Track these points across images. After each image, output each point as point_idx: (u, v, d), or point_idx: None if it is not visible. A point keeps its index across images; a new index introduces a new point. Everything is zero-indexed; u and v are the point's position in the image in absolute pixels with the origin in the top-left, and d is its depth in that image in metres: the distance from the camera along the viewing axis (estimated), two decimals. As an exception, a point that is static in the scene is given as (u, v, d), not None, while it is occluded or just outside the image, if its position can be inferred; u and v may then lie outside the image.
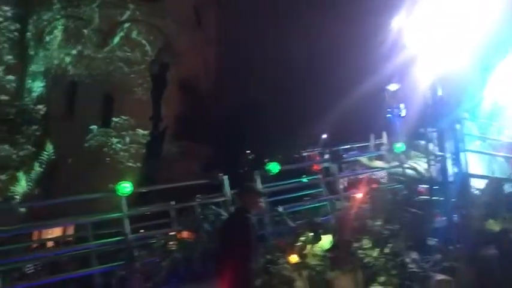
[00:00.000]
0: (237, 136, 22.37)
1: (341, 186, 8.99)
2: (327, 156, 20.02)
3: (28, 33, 18.78)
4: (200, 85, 22.68)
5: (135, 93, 20.98)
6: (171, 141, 21.56)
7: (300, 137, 20.78)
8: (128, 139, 20.95)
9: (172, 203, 8.75)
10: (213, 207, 7.38)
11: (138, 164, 20.79)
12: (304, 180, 10.51)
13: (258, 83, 22.47)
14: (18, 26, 18.35)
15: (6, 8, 17.96)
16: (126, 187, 6.80)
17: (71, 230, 18.88)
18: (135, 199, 8.97)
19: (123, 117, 20.93)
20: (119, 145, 20.35)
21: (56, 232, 19.13)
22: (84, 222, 8.15)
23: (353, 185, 8.94)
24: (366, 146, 12.23)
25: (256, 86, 22.77)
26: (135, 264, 6.24)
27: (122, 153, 20.60)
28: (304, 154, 19.51)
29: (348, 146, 13.53)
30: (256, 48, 21.98)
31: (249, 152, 22.63)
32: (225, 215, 7.00)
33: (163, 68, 20.31)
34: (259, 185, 7.49)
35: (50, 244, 15.52)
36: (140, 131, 20.76)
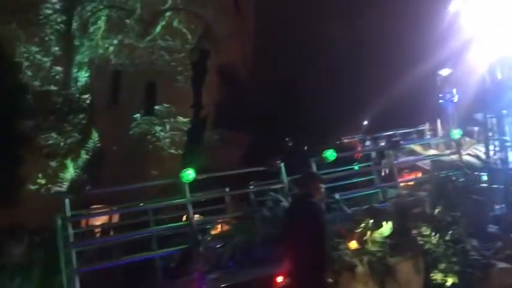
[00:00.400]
0: (276, 123, 22.42)
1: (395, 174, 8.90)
2: (368, 143, 19.94)
3: (73, 25, 19.24)
4: (239, 72, 22.78)
5: (176, 81, 21.28)
6: (211, 128, 21.82)
7: (340, 124, 20.67)
8: (168, 126, 21.35)
9: (227, 189, 8.85)
10: (272, 193, 7.47)
11: (180, 151, 21.16)
12: (356, 167, 10.46)
13: (297, 70, 22.38)
14: (64, 17, 18.81)
15: (54, 1, 18.43)
16: (189, 174, 6.93)
17: (115, 218, 19.46)
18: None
19: (164, 105, 21.31)
20: (162, 133, 20.76)
21: (101, 219, 19.76)
22: (154, 207, 8.34)
23: (407, 172, 8.88)
24: (419, 131, 12.06)
25: (295, 72, 22.69)
26: (199, 248, 6.40)
27: (164, 140, 21.02)
28: (345, 141, 19.45)
29: (399, 131, 13.32)
30: (295, 35, 21.86)
31: (288, 139, 22.69)
32: (284, 201, 7.09)
33: (204, 56, 20.54)
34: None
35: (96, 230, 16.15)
36: (181, 119, 21.11)
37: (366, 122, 21.90)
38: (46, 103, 18.31)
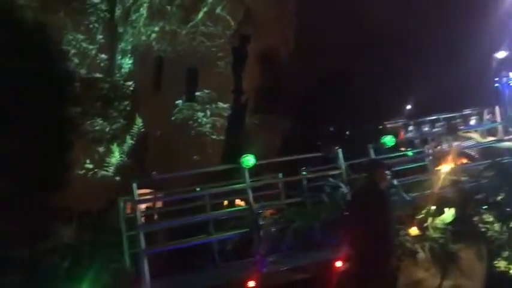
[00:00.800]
0: (317, 108, 22.29)
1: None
2: (411, 128, 19.61)
3: (116, 12, 19.56)
4: (279, 57, 22.71)
5: (217, 67, 21.42)
6: (251, 114, 21.92)
7: (382, 108, 20.38)
8: (209, 112, 21.57)
9: (280, 175, 8.90)
10: (331, 179, 7.49)
11: (221, 137, 21.39)
12: (410, 153, 10.32)
13: (339, 54, 22.11)
14: (107, 6, 19.15)
15: (99, -11, 18.80)
16: (249, 160, 6.98)
17: (159, 203, 19.89)
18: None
19: (205, 90, 21.52)
20: (203, 118, 21.02)
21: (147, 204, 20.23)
22: (213, 192, 8.41)
23: (463, 158, 8.70)
24: (479, 114, 11.72)
25: (336, 56, 22.43)
26: (259, 232, 6.51)
27: (205, 126, 21.27)
28: (388, 126, 19.19)
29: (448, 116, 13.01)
30: (337, 18, 21.55)
31: (329, 124, 22.53)
32: (343, 187, 7.11)
33: (244, 41, 20.56)
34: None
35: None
36: (221, 104, 21.29)
37: (409, 107, 21.52)
38: (92, 90, 18.78)
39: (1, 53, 13.71)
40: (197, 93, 21.53)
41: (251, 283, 5.74)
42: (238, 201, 10.78)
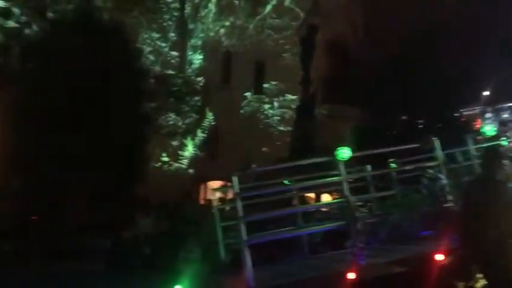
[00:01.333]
0: (387, 97, 21.73)
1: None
2: (488, 115, 18.61)
3: (186, 9, 20.22)
4: (348, 46, 22.37)
5: (284, 59, 21.50)
6: (319, 104, 21.81)
7: (456, 96, 19.51)
8: (277, 104, 21.75)
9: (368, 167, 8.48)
10: (429, 171, 7.20)
11: (289, 128, 21.51)
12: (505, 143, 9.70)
13: (408, 41, 21.39)
14: (178, 3, 19.86)
15: (171, -12, 19.54)
16: (345, 153, 6.74)
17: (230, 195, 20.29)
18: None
19: (273, 82, 21.70)
20: (271, 110, 21.24)
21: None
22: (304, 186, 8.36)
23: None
24: None
25: (405, 43, 21.71)
26: (357, 224, 6.43)
27: (273, 118, 21.49)
28: (465, 113, 18.38)
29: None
30: (406, 3, 20.85)
31: (400, 113, 21.90)
32: (443, 179, 6.84)
33: (312, 31, 20.46)
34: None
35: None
36: (290, 96, 21.38)
37: (486, 93, 20.40)
38: (166, 86, 19.57)
39: (82, 52, 14.65)
40: (265, 86, 21.77)
41: (351, 275, 5.70)
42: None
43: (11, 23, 17.56)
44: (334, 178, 6.99)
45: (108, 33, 15.42)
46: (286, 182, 8.26)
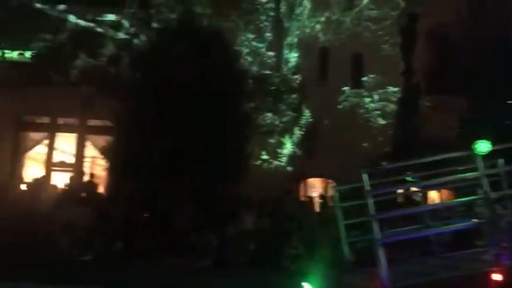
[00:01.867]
0: (494, 86, 20.19)
1: None
2: None
3: (282, 8, 20.36)
4: (451, 35, 21.09)
5: (382, 50, 20.79)
6: (422, 95, 20.85)
7: None
8: (377, 97, 21.12)
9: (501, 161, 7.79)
10: None
11: (390, 121, 20.81)
12: None
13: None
14: (273, 4, 20.09)
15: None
16: (484, 146, 6.25)
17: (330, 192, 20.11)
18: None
19: (371, 75, 21.11)
20: (371, 104, 20.69)
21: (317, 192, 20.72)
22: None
23: None
24: None
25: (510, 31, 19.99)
26: (499, 222, 6.06)
27: (373, 112, 20.91)
28: None
29: None
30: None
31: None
32: None
33: (412, 20, 19.58)
34: None
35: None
36: (391, 88, 20.66)
37: None
38: (263, 86, 19.86)
39: (186, 58, 15.32)
40: (363, 79, 21.24)
41: (496, 276, 5.36)
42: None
43: (121, 35, 18.99)
44: (470, 173, 6.51)
45: (209, 38, 15.97)
46: (409, 178, 7.96)
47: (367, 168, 7.22)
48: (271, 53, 20.41)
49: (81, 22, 20.22)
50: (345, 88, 21.14)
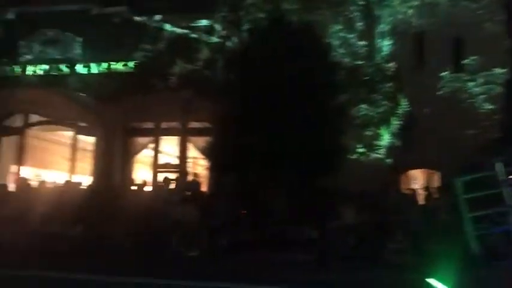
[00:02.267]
0: None
1: None
2: None
3: (372, -4, 19.84)
4: None
5: (484, 29, 19.39)
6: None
7: None
8: (481, 80, 19.76)
9: None
10: None
11: (497, 106, 19.37)
12: None
13: None
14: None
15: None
16: None
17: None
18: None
19: (472, 57, 19.80)
20: (474, 88, 19.41)
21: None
22: None
23: None
24: None
25: None
26: None
27: (477, 96, 19.60)
28: None
29: None
30: None
31: None
32: None
33: (518, -7, 18.03)
34: None
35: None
36: (496, 70, 19.21)
37: None
38: (356, 77, 19.47)
39: (278, 56, 15.51)
40: (464, 62, 19.98)
41: None
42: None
43: (214, 39, 19.72)
44: None
45: (299, 34, 16.01)
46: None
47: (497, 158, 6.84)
48: (362, 43, 19.93)
49: (177, 30, 21.31)
50: (444, 73, 20.01)
